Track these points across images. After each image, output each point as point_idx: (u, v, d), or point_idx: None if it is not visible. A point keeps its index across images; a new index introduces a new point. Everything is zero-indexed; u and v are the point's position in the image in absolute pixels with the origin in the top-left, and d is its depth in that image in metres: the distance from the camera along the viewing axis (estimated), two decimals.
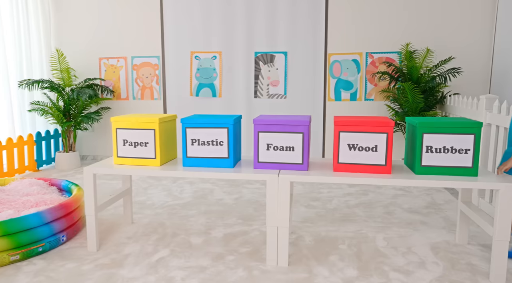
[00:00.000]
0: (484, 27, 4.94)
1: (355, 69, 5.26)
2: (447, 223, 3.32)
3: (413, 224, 3.31)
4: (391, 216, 3.51)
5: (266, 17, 5.28)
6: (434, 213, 3.59)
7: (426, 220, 3.41)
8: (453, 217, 3.48)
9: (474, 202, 3.68)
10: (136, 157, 2.70)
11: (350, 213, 3.59)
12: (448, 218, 3.45)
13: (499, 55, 4.76)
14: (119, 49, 5.79)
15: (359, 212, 3.61)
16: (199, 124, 2.60)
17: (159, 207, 3.74)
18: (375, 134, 2.45)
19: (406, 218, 3.46)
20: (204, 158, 2.62)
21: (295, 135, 2.51)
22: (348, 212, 3.62)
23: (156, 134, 2.66)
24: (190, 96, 5.60)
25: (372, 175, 2.45)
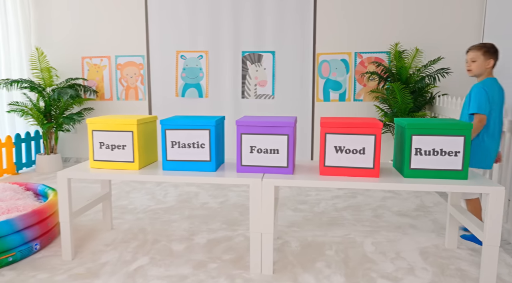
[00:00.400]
0: (473, 28, 4.90)
1: (344, 69, 5.17)
2: (436, 226, 3.24)
3: (402, 228, 3.23)
4: (380, 220, 3.42)
5: (253, 16, 5.18)
6: (423, 216, 3.51)
7: (415, 223, 3.33)
8: (442, 219, 3.41)
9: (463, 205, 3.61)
10: (114, 160, 2.58)
11: (338, 216, 3.50)
12: (437, 221, 3.38)
13: None
14: (102, 48, 5.64)
15: (347, 216, 3.52)
16: (179, 126, 2.48)
17: (141, 211, 3.61)
18: (363, 136, 2.35)
19: (395, 222, 3.37)
20: (184, 161, 2.51)
21: (280, 137, 2.41)
22: (336, 215, 3.52)
23: (134, 137, 2.53)
24: (176, 97, 5.47)
25: (360, 178, 2.36)
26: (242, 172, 2.48)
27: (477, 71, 2.80)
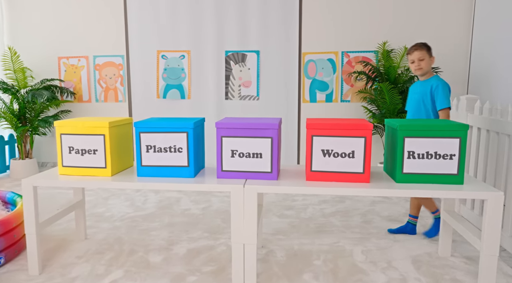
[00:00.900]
0: (462, 27, 4.81)
1: (330, 69, 5.04)
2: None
3: (392, 234, 3.08)
4: (369, 225, 3.28)
5: (237, 14, 5.01)
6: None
7: None
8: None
9: (455, 209, 3.49)
10: (84, 166, 2.37)
11: (326, 222, 3.34)
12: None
13: (477, 55, 4.63)
14: (80, 48, 5.41)
15: (335, 222, 3.36)
16: (155, 129, 2.29)
17: (118, 219, 3.40)
18: (352, 138, 2.20)
19: (385, 227, 3.23)
20: (161, 166, 2.32)
21: (263, 140, 2.24)
22: (324, 221, 3.37)
23: (106, 141, 2.34)
24: (157, 98, 5.26)
25: (349, 184, 2.20)
26: (222, 178, 2.30)
27: (427, 69, 2.87)
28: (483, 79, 4.49)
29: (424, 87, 2.88)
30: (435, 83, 2.83)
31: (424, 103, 2.87)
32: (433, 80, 2.86)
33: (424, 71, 2.88)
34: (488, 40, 4.37)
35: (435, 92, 2.82)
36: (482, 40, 4.51)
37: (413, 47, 2.89)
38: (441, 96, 2.78)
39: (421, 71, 2.88)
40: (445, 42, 4.84)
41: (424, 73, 2.90)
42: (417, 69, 2.88)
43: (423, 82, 2.92)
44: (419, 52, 2.85)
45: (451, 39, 4.83)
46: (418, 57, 2.85)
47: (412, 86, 3.06)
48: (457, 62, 4.86)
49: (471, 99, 3.36)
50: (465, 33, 4.80)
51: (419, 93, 2.91)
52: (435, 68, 4.41)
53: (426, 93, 2.85)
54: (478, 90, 4.54)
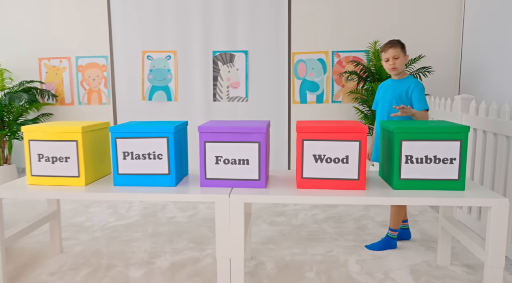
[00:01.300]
0: (452, 26, 4.69)
1: (321, 69, 4.89)
2: (425, 238, 2.96)
3: None
4: (364, 232, 3.12)
5: (224, 13, 4.84)
6: (410, 226, 3.23)
7: None
8: (430, 230, 3.13)
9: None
10: (55, 175, 2.18)
11: (318, 230, 3.18)
12: (424, 231, 3.10)
13: (468, 54, 4.51)
14: (61, 49, 5.19)
15: (328, 228, 3.20)
16: (132, 134, 2.11)
17: (98, 229, 3.21)
18: (346, 142, 2.04)
19: (380, 234, 3.08)
20: (139, 174, 2.14)
21: (249, 145, 2.07)
22: (316, 228, 3.21)
23: (79, 147, 2.15)
24: (143, 101, 5.07)
25: (343, 191, 2.04)
26: (206, 186, 2.13)
27: (401, 67, 2.73)
28: (474, 78, 4.37)
29: (399, 87, 2.73)
30: (412, 84, 2.68)
31: (398, 104, 2.71)
32: (409, 80, 2.71)
33: (399, 70, 2.73)
34: (479, 39, 4.26)
35: (413, 94, 2.67)
36: (473, 39, 4.39)
37: (387, 44, 2.71)
38: (419, 97, 2.65)
39: (396, 71, 2.72)
40: (435, 41, 4.72)
41: (399, 72, 2.74)
42: (392, 68, 2.72)
43: (397, 82, 2.76)
44: (393, 50, 2.68)
45: (441, 38, 4.71)
46: (393, 55, 2.69)
47: (383, 85, 2.90)
48: (448, 61, 4.74)
49: (466, 99, 3.23)
50: (455, 32, 4.68)
51: (394, 93, 2.75)
52: (427, 68, 4.29)
53: (402, 93, 2.70)
54: (470, 90, 4.42)
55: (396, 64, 2.70)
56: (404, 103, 2.71)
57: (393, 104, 2.74)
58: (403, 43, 2.75)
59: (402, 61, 2.71)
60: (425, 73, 4.32)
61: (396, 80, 2.79)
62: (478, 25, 4.30)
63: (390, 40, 2.76)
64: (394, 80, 2.80)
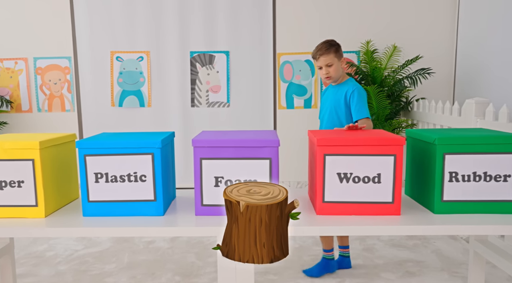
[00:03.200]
0: (446, 26, 4.45)
1: (308, 72, 4.53)
2: (444, 261, 2.62)
3: (403, 266, 2.58)
4: (373, 255, 2.75)
5: (203, 10, 4.40)
6: (421, 246, 2.89)
7: (416, 257, 2.70)
8: (448, 251, 2.80)
9: None
10: (5, 204, 1.68)
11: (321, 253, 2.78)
12: (441, 253, 2.77)
13: (463, 55, 4.27)
14: (17, 48, 4.59)
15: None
16: (107, 150, 1.64)
17: (63, 260, 2.68)
18: (378, 157, 1.65)
19: (391, 256, 2.72)
20: (116, 202, 1.67)
21: (258, 162, 1.65)
22: (320, 251, 2.81)
23: (36, 168, 1.66)
24: (112, 107, 4.54)
25: (374, 218, 1.65)
26: (203, 215, 1.68)
27: (337, 74, 2.41)
28: (471, 80, 4.13)
29: (337, 93, 2.42)
30: (350, 89, 2.36)
31: (337, 112, 2.39)
32: (347, 84, 2.41)
33: (335, 78, 2.41)
34: (474, 39, 4.02)
35: (351, 99, 2.35)
36: (467, 39, 4.16)
37: (318, 51, 2.37)
38: (357, 103, 2.33)
39: (331, 80, 2.42)
40: (429, 42, 4.46)
41: (335, 80, 2.43)
42: (326, 77, 2.40)
43: (336, 88, 2.46)
44: (325, 58, 2.35)
45: (435, 39, 4.46)
46: (326, 63, 2.36)
47: (324, 92, 2.59)
48: (442, 64, 4.50)
49: (481, 102, 2.94)
50: (450, 33, 4.44)
51: (332, 100, 2.44)
52: (427, 69, 4.00)
53: (340, 100, 2.39)
54: (467, 93, 4.18)
55: (330, 72, 2.36)
56: (342, 111, 2.37)
57: (332, 113, 2.41)
58: (338, 44, 2.41)
59: (337, 68, 2.38)
60: (425, 75, 4.03)
61: (335, 86, 2.47)
62: (473, 25, 4.07)
63: (320, 44, 2.39)
64: (333, 86, 2.48)
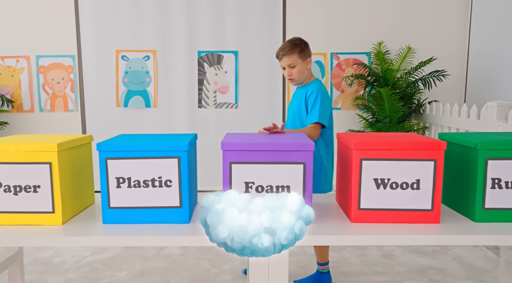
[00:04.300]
0: (457, 28, 4.38)
1: (318, 73, 4.44)
2: (467, 269, 2.54)
3: (426, 273, 2.49)
4: (393, 261, 2.67)
5: (212, 8, 4.31)
6: (441, 252, 2.81)
7: (437, 264, 2.62)
8: (468, 258, 2.72)
9: None
10: (19, 211, 1.57)
11: (340, 259, 2.69)
12: (462, 259, 2.69)
13: (475, 59, 4.21)
14: (19, 46, 4.46)
15: (350, 257, 2.72)
16: (129, 153, 1.54)
17: (71, 267, 2.57)
18: (417, 162, 1.56)
19: (412, 263, 2.63)
20: (139, 208, 1.56)
21: (292, 167, 1.55)
22: (337, 257, 2.72)
23: (53, 172, 1.55)
24: (117, 107, 4.42)
25: (413, 227, 1.56)
26: None
27: (300, 76, 2.29)
28: (483, 83, 4.07)
29: (300, 94, 2.30)
30: (310, 90, 2.23)
31: (299, 115, 2.27)
32: (309, 86, 2.28)
33: (298, 81, 2.30)
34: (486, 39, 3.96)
35: (308, 102, 2.22)
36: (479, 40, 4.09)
37: (281, 51, 2.28)
38: (312, 107, 2.19)
39: (294, 82, 2.30)
40: (440, 43, 4.39)
41: (298, 82, 2.31)
42: (289, 79, 2.29)
43: (301, 89, 2.34)
44: (288, 59, 2.25)
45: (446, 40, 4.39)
46: (288, 64, 2.25)
47: (294, 93, 2.47)
48: (454, 65, 4.42)
49: (503, 105, 2.86)
50: (461, 34, 4.37)
51: (296, 102, 2.33)
52: (441, 71, 3.93)
53: (301, 102, 2.27)
54: (479, 96, 4.11)
55: (293, 74, 2.25)
56: (304, 114, 2.25)
57: (295, 115, 2.30)
58: (304, 43, 2.31)
59: (300, 69, 2.26)
60: (440, 77, 3.95)
61: (301, 87, 2.35)
62: (485, 26, 4.00)
63: (284, 43, 2.31)
64: (300, 87, 2.37)
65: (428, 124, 4.12)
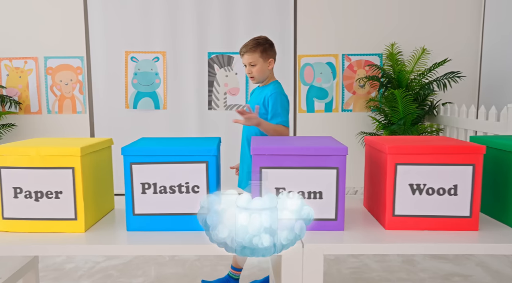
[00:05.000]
0: (471, 29, 4.31)
1: (330, 74, 4.38)
2: (493, 276, 2.47)
3: (450, 280, 2.43)
4: (415, 267, 2.60)
5: (222, 9, 4.25)
6: (463, 258, 2.75)
7: (462, 270, 2.56)
8: (492, 264, 2.66)
9: None
10: (40, 218, 1.50)
11: (361, 265, 2.63)
12: (486, 266, 2.62)
13: (488, 60, 4.15)
14: (27, 47, 4.41)
15: (371, 264, 2.66)
16: (156, 157, 1.48)
17: (85, 274, 2.51)
18: (455, 167, 1.50)
19: (435, 270, 2.57)
20: (165, 215, 1.50)
21: (325, 172, 1.49)
22: (357, 264, 2.65)
23: (76, 176, 1.49)
24: (126, 109, 4.37)
25: (450, 235, 1.50)
26: None
27: (261, 77, 2.26)
28: (497, 83, 4.01)
29: (260, 95, 2.27)
30: (269, 92, 2.21)
31: (259, 114, 2.22)
32: (269, 88, 2.25)
33: (258, 80, 2.26)
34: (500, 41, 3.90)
35: (268, 104, 2.20)
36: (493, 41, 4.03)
37: (243, 48, 2.25)
38: (272, 109, 2.18)
39: (254, 80, 2.25)
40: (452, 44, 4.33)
41: (258, 81, 2.26)
42: (250, 77, 2.24)
43: (260, 89, 2.30)
44: (249, 56, 2.20)
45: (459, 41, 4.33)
46: (249, 62, 2.21)
47: (252, 93, 2.44)
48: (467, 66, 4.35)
49: None
50: (475, 34, 4.31)
51: (255, 103, 2.28)
52: (456, 73, 3.87)
53: (260, 103, 2.24)
54: (494, 97, 4.05)
55: (253, 72, 2.20)
56: (263, 115, 2.21)
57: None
58: (269, 42, 2.28)
59: (261, 69, 2.21)
60: (455, 79, 3.89)
61: (261, 88, 2.31)
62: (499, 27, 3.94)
63: (249, 40, 2.26)
64: (259, 87, 2.32)
65: (442, 127, 4.06)
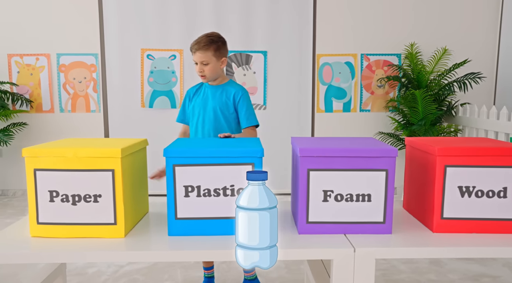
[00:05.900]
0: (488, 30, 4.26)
1: (348, 74, 4.33)
2: None
3: (479, 281, 2.39)
4: (444, 269, 2.56)
5: (240, 7, 4.20)
6: (489, 258, 2.71)
7: (490, 271, 2.52)
8: None
9: None
10: (78, 222, 1.46)
11: (389, 267, 2.58)
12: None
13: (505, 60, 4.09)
14: (38, 43, 4.35)
15: (398, 265, 2.61)
16: (201, 159, 1.43)
17: (109, 278, 2.46)
18: (505, 169, 1.45)
19: (464, 271, 2.52)
20: (208, 219, 1.46)
21: (374, 174, 1.44)
22: (386, 265, 2.61)
23: (116, 179, 1.44)
24: (142, 108, 4.32)
25: (499, 236, 1.45)
26: (307, 233, 1.47)
27: (213, 76, 2.17)
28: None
29: (222, 94, 2.19)
30: (239, 92, 2.16)
31: (225, 116, 2.18)
32: (232, 87, 2.20)
33: (210, 79, 2.17)
34: None
35: (239, 105, 2.16)
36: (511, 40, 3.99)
37: (195, 45, 2.14)
38: (247, 110, 2.17)
39: (205, 79, 2.17)
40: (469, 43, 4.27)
41: (210, 80, 2.19)
42: (201, 76, 2.16)
43: (216, 88, 2.20)
44: (201, 55, 2.10)
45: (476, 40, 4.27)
46: (201, 61, 2.12)
47: (195, 92, 2.31)
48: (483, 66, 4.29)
49: None
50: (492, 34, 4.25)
51: (215, 102, 2.19)
52: (477, 74, 3.81)
53: (228, 102, 2.19)
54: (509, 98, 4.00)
55: (205, 71, 2.12)
56: (232, 115, 2.19)
57: (218, 116, 2.18)
58: (222, 40, 2.19)
59: (214, 68, 2.13)
60: (476, 80, 3.84)
61: (215, 86, 2.21)
62: None
63: (201, 36, 2.16)
64: (212, 86, 2.22)
65: (461, 127, 4.01)
